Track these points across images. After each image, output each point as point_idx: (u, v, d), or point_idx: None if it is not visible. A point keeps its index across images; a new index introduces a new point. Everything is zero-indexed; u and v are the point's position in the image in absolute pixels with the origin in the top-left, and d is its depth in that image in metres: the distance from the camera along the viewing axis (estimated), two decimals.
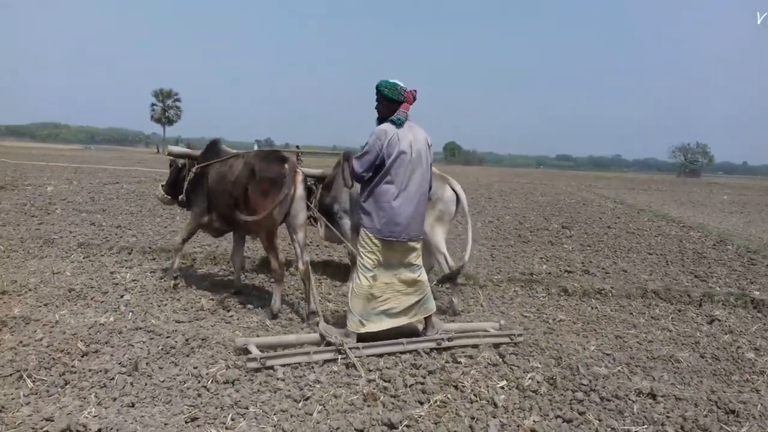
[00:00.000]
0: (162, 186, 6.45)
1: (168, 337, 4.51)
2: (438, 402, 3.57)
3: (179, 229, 6.64)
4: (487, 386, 3.84)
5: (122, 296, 5.67)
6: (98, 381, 3.73)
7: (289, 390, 3.72)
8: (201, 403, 3.50)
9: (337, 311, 5.56)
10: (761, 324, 5.80)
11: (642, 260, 8.70)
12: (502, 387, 3.86)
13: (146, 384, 3.73)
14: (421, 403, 3.58)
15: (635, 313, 5.96)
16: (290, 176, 5.14)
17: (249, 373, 3.94)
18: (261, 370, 4.00)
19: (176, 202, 6.37)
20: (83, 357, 4.11)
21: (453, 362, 4.32)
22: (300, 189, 5.34)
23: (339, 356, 4.25)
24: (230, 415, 3.35)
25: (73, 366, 3.93)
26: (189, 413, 3.35)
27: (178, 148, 6.37)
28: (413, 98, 4.48)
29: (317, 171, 6.24)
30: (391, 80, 4.46)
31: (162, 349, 4.26)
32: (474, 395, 3.71)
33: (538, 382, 3.95)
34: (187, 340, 4.45)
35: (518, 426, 3.37)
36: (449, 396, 3.68)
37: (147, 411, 3.39)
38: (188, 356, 4.21)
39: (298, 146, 6.57)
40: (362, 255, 4.49)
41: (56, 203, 11.98)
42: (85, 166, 26.79)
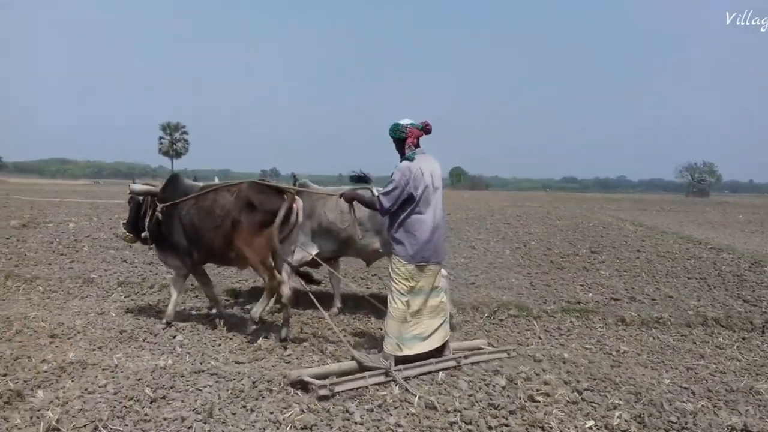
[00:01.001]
0: (123, 224, 6.23)
1: (233, 380, 4.39)
2: None
3: (171, 281, 6.35)
4: (575, 427, 3.72)
5: (174, 336, 5.56)
6: (176, 430, 3.62)
7: None
8: None
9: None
10: None
11: (683, 285, 8.56)
12: (590, 428, 3.73)
13: None
14: None
15: (699, 342, 5.83)
16: (293, 206, 5.40)
17: (326, 418, 3.82)
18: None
19: (139, 240, 6.16)
20: (152, 403, 3.99)
21: (530, 401, 4.18)
22: (301, 217, 5.55)
23: (388, 378, 4.41)
24: None
25: (146, 414, 3.81)
26: None
27: (140, 186, 6.08)
28: (419, 130, 4.84)
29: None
30: (396, 122, 4.87)
31: (231, 394, 4.14)
32: None
33: (626, 421, 3.81)
34: (254, 383, 4.33)
35: None
36: None
37: None
38: (258, 400, 4.09)
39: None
40: (396, 281, 4.77)
41: (82, 240, 11.90)
42: (100, 202, 26.77)
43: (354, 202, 5.25)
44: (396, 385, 4.32)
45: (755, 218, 26.61)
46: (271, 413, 3.83)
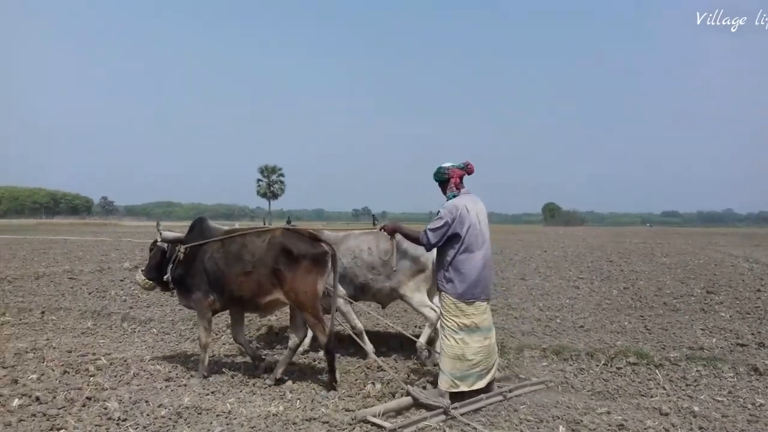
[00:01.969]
0: (142, 271, 6.15)
1: (344, 430, 4.33)
2: None
3: (196, 327, 6.37)
4: None
5: (285, 381, 5.58)
6: None
7: None
8: None
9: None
10: None
11: None
12: None
13: None
14: None
15: None
16: (332, 253, 5.42)
17: None
18: None
19: (159, 286, 6.10)
20: None
21: None
22: (337, 263, 5.57)
23: (448, 416, 4.55)
24: None
25: None
26: None
27: (173, 234, 6.09)
28: (461, 170, 5.07)
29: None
30: (440, 165, 5.12)
31: None
32: None
33: None
34: None
35: None
36: None
37: None
38: None
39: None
40: (448, 319, 4.93)
41: None
42: None
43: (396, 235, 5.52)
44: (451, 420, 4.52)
45: None
46: None
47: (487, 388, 5.03)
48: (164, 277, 5.93)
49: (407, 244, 5.91)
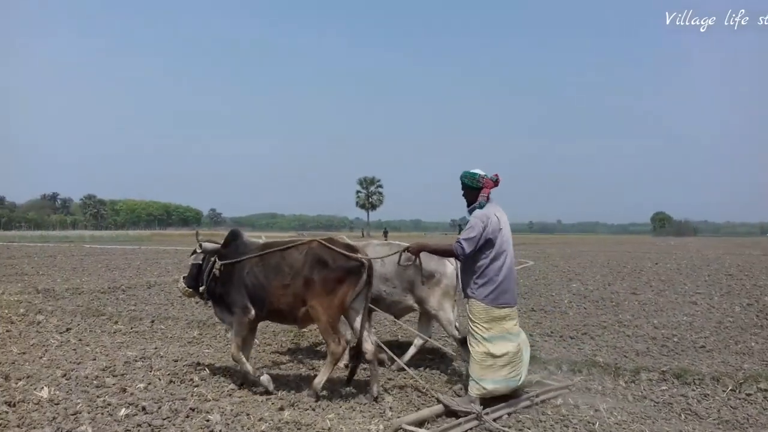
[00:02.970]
0: (183, 278, 6.22)
1: None
2: None
3: (229, 340, 6.33)
4: None
5: (383, 398, 5.43)
6: None
7: None
8: None
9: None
10: None
11: None
12: None
13: None
14: None
15: None
16: (367, 264, 5.42)
17: None
18: None
19: (197, 294, 6.11)
20: None
21: None
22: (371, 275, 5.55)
23: (481, 422, 4.66)
24: None
25: None
26: None
27: (212, 245, 6.07)
28: (493, 182, 5.16)
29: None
30: (471, 170, 5.19)
31: None
32: None
33: None
34: None
35: None
36: None
37: None
38: None
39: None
40: (477, 325, 5.02)
41: None
42: None
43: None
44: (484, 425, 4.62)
45: None
46: None
47: (515, 394, 5.17)
48: (200, 288, 6.03)
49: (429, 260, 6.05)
